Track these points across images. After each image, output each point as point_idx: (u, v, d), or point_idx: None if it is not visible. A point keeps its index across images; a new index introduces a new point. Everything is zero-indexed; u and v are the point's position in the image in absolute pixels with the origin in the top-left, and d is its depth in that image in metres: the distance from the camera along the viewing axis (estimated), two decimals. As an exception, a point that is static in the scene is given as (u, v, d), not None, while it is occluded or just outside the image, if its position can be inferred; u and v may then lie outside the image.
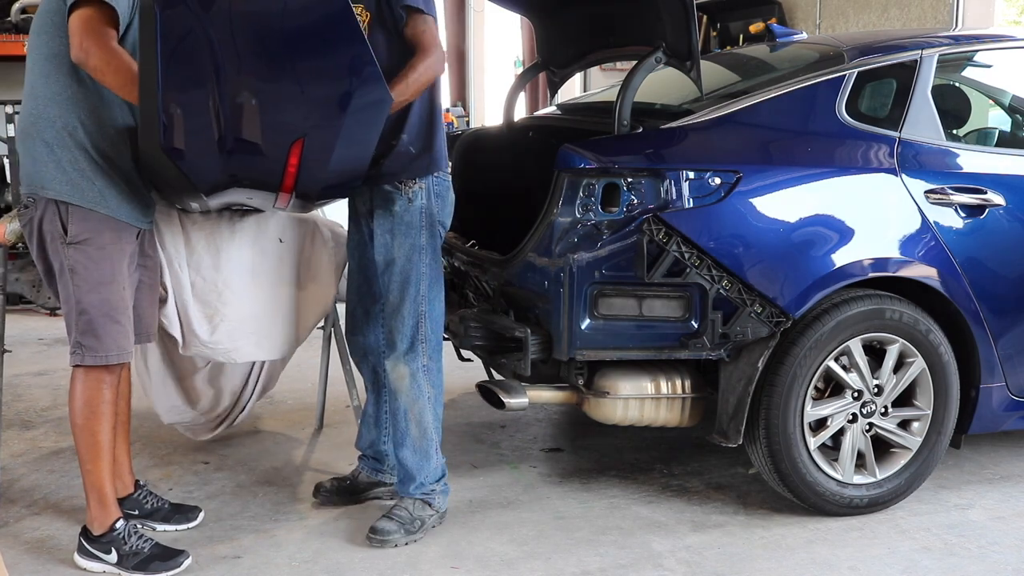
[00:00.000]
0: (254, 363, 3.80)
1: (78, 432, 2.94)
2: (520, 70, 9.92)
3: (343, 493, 3.46)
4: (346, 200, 3.32)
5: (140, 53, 2.67)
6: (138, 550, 2.95)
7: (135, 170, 2.90)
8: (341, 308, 3.63)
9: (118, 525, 2.97)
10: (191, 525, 3.27)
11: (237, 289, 3.34)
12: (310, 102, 2.81)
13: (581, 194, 3.12)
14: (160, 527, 3.24)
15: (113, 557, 2.95)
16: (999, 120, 4.20)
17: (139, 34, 2.66)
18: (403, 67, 2.96)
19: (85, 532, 3.00)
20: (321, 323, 3.89)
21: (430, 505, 3.23)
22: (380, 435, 3.45)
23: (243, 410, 3.87)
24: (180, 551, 3.00)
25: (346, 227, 3.50)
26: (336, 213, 3.88)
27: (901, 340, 3.28)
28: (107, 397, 2.93)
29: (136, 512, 3.25)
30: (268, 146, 2.78)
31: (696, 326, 3.13)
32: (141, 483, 3.33)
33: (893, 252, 3.29)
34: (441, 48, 3.06)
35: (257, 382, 3.85)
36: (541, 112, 5.09)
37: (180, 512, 3.30)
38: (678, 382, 3.28)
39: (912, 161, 3.35)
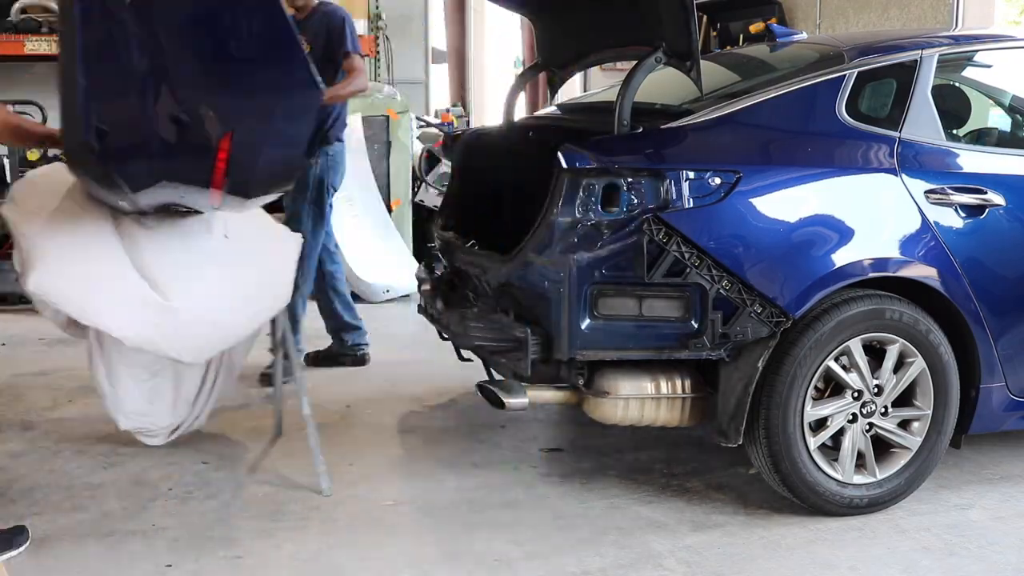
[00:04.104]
0: (208, 369, 3.73)
1: None
2: (520, 70, 9.90)
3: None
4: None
5: (60, 47, 2.58)
6: None
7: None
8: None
9: None
10: (17, 552, 2.98)
11: (184, 287, 3.28)
12: (237, 92, 2.71)
13: (581, 194, 3.12)
14: None
15: None
16: (999, 120, 4.20)
17: (59, 27, 2.58)
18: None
19: None
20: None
21: None
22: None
23: (197, 417, 3.82)
24: (22, 528, 2.97)
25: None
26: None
27: (901, 340, 3.27)
28: None
29: None
30: (195, 140, 2.70)
31: (696, 326, 3.13)
32: None
33: (893, 252, 3.29)
34: (365, 74, 4.77)
35: (212, 388, 3.79)
36: (541, 112, 5.09)
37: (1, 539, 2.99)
38: (678, 382, 3.28)
39: (912, 161, 3.35)
